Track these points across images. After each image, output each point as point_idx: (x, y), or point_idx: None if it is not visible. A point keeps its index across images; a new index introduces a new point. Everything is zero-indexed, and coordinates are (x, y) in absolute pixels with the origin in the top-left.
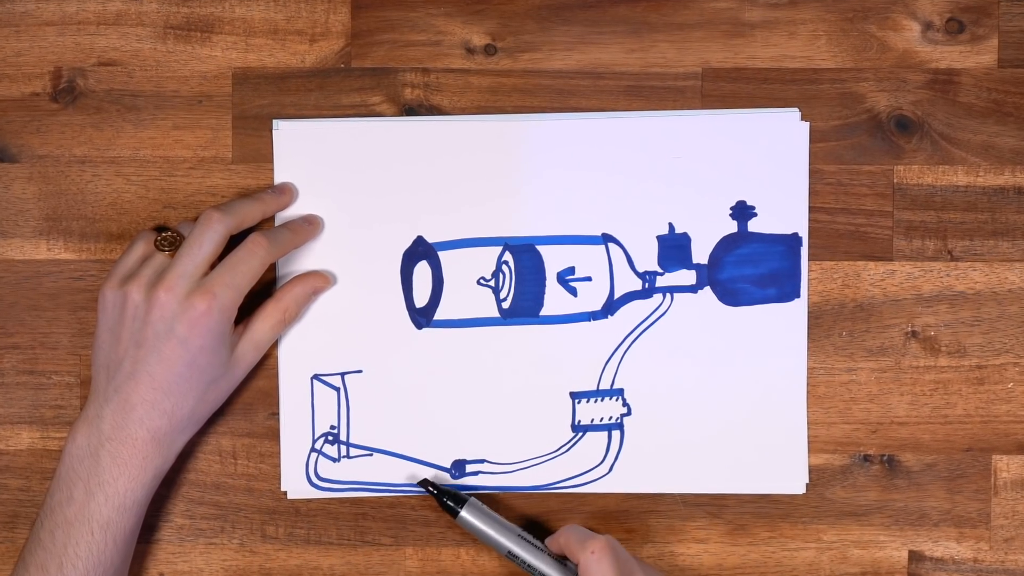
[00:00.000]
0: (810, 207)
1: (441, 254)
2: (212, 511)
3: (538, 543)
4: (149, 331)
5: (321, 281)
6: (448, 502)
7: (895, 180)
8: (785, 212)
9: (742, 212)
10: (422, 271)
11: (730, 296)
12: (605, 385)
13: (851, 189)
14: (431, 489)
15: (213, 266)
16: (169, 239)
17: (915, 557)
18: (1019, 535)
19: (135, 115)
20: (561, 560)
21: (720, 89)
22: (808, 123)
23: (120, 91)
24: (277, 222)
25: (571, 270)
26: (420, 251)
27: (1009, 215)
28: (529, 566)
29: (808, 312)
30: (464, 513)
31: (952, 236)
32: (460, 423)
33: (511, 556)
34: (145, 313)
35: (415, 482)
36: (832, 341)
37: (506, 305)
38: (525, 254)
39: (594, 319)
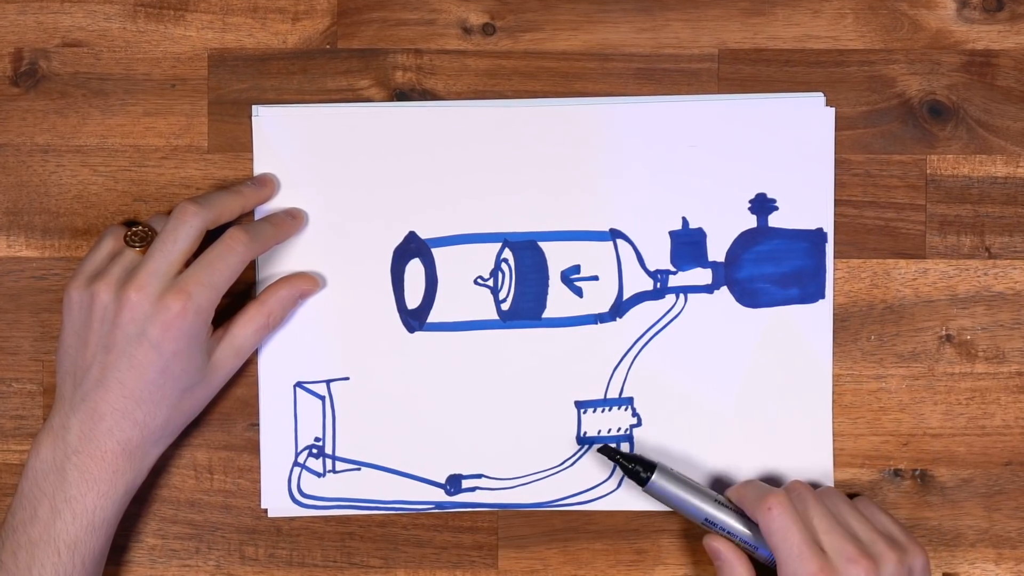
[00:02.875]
0: (836, 200)
1: (435, 251)
2: (186, 530)
3: (733, 505)
4: (119, 334)
5: (309, 283)
6: (636, 469)
7: (928, 171)
8: (809, 206)
9: (762, 206)
10: (414, 270)
11: (749, 297)
12: (613, 394)
13: (880, 181)
14: (615, 456)
15: (188, 264)
16: (140, 234)
17: None
18: None
19: (103, 100)
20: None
21: (738, 72)
22: (834, 109)
23: (86, 74)
24: (257, 216)
25: (576, 269)
26: (412, 248)
27: None
28: (730, 532)
29: (834, 314)
30: (656, 479)
31: (990, 232)
32: (456, 435)
33: (708, 523)
34: (114, 315)
35: (594, 449)
36: (860, 346)
37: (505, 307)
38: (526, 251)
39: (601, 322)
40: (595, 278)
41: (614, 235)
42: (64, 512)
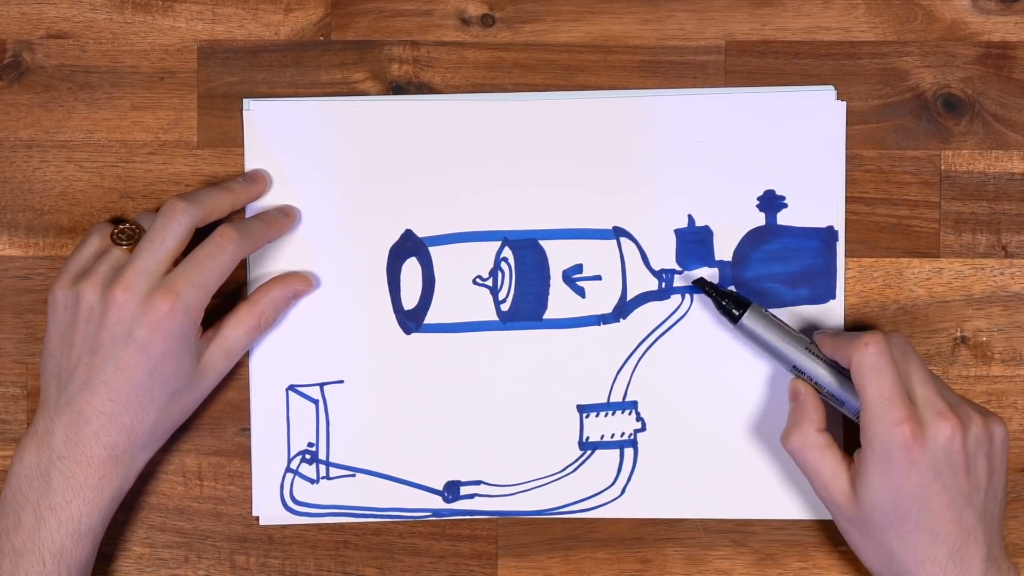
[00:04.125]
0: (847, 197)
1: (432, 250)
2: (175, 539)
3: (824, 356)
4: (105, 335)
5: (302, 283)
6: (727, 305)
7: (942, 167)
8: (819, 203)
9: (771, 203)
10: (411, 269)
11: (757, 297)
12: (617, 397)
13: (893, 177)
14: (708, 289)
15: (177, 263)
16: (127, 232)
17: None
18: None
19: (88, 94)
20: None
21: (746, 65)
22: (845, 103)
23: (72, 67)
24: (249, 214)
25: (578, 268)
26: (409, 247)
27: None
28: (817, 381)
29: (845, 315)
30: (746, 320)
31: (1007, 230)
32: (454, 440)
33: (796, 369)
34: (100, 315)
35: (690, 283)
36: None
37: (505, 307)
38: (526, 250)
39: (604, 323)
40: (598, 278)
41: (618, 233)
42: (49, 520)
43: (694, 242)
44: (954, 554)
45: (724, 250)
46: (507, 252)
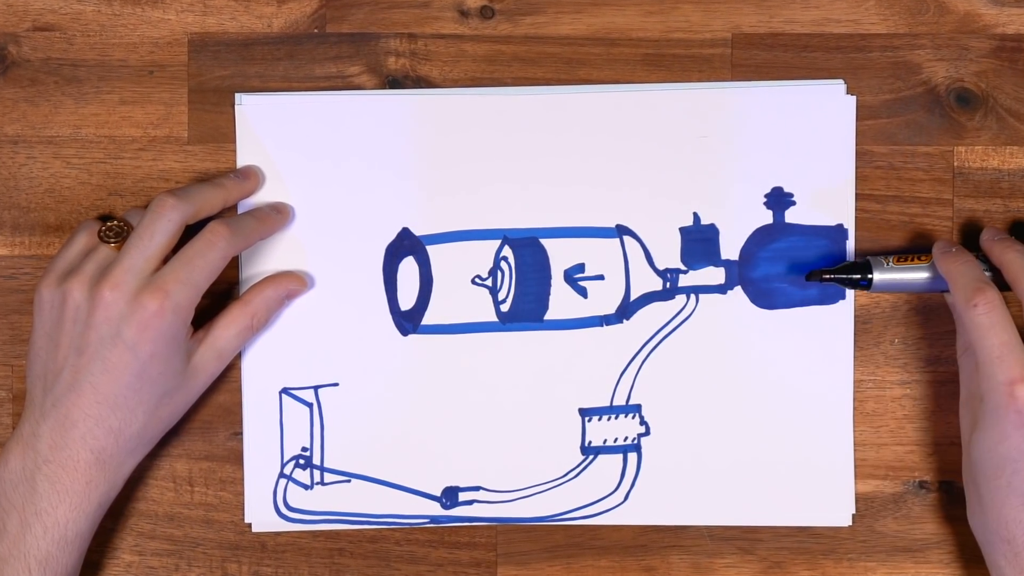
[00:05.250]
0: (857, 194)
1: (430, 249)
2: (165, 546)
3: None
4: (92, 335)
5: (296, 283)
6: (857, 279)
7: (955, 163)
8: (828, 200)
9: (778, 200)
10: (408, 269)
11: (764, 298)
12: (620, 401)
13: (904, 174)
14: (826, 277)
15: (167, 261)
16: (115, 229)
17: None
18: None
19: (76, 88)
20: None
21: (753, 58)
22: (855, 97)
23: (59, 60)
24: (240, 211)
25: (580, 267)
26: (406, 245)
27: None
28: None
29: (855, 316)
30: (878, 279)
31: None
32: (452, 444)
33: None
34: (87, 315)
35: (804, 279)
36: (883, 350)
37: (505, 308)
38: (527, 249)
39: (607, 324)
40: (600, 277)
41: (621, 232)
42: (34, 526)
43: (699, 241)
44: None
45: (730, 249)
46: (507, 251)
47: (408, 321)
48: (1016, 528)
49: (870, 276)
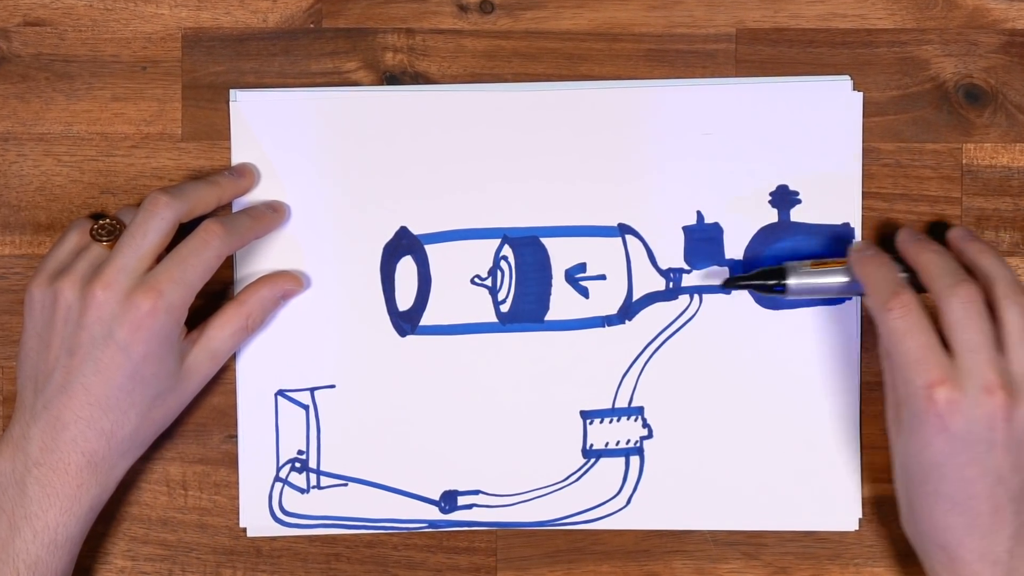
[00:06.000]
0: (864, 193)
1: (428, 248)
2: (158, 551)
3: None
4: (84, 336)
5: (292, 283)
6: (772, 285)
7: (964, 161)
8: (834, 199)
9: (783, 198)
10: (406, 268)
11: (769, 298)
12: (622, 403)
13: (912, 171)
14: (741, 283)
15: (160, 260)
16: (107, 227)
17: None
18: None
19: (67, 84)
20: None
21: (757, 53)
22: (861, 94)
23: (50, 56)
24: (235, 209)
25: (582, 267)
26: (404, 244)
27: None
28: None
29: (861, 316)
30: (792, 283)
31: None
32: (451, 448)
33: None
34: (79, 314)
35: (720, 284)
36: None
37: (505, 308)
38: (527, 248)
39: (609, 325)
40: (602, 277)
41: (623, 230)
42: (24, 529)
43: (703, 240)
44: (973, 527)
45: (735, 248)
46: (507, 250)
47: (406, 322)
48: (948, 535)
49: (784, 282)
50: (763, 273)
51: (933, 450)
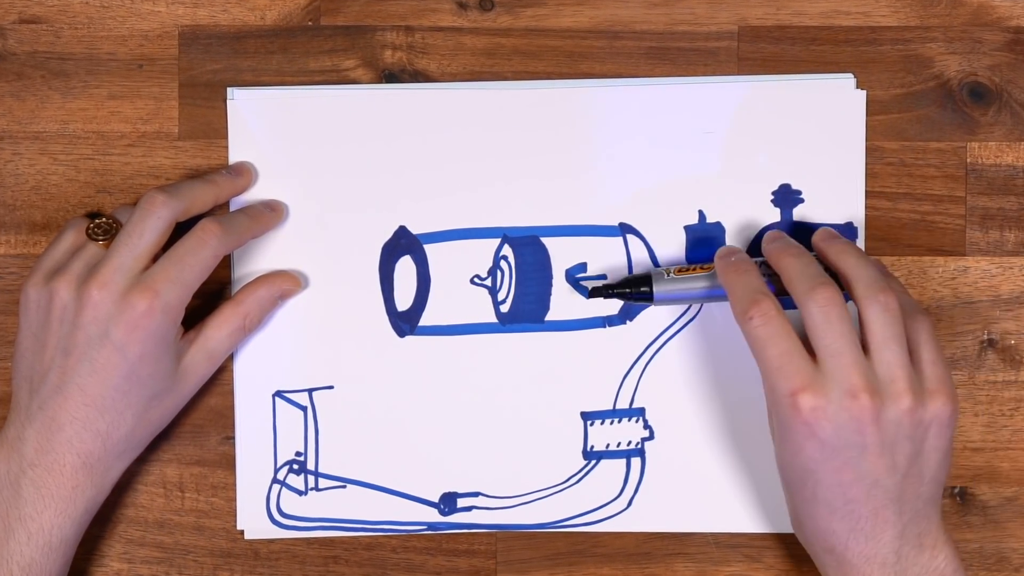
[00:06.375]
0: (867, 192)
1: (427, 248)
2: (155, 553)
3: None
4: (80, 336)
5: (290, 283)
6: (633, 294)
7: (968, 159)
8: (837, 198)
9: (786, 198)
10: (405, 268)
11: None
12: (623, 404)
13: (916, 170)
14: (611, 292)
15: (156, 259)
16: (104, 226)
17: None
18: None
19: (63, 82)
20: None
21: (760, 51)
22: (865, 92)
23: (45, 54)
24: (232, 208)
25: (582, 267)
26: (403, 244)
27: None
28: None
29: None
30: (658, 292)
31: None
32: (450, 449)
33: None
34: (75, 314)
35: (589, 295)
36: None
37: (505, 308)
38: (527, 248)
39: (610, 325)
40: (603, 277)
41: (624, 230)
42: (18, 531)
43: (705, 239)
44: (856, 531)
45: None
46: (507, 250)
47: (405, 322)
48: (833, 539)
49: (645, 289)
50: (628, 281)
51: (805, 456)
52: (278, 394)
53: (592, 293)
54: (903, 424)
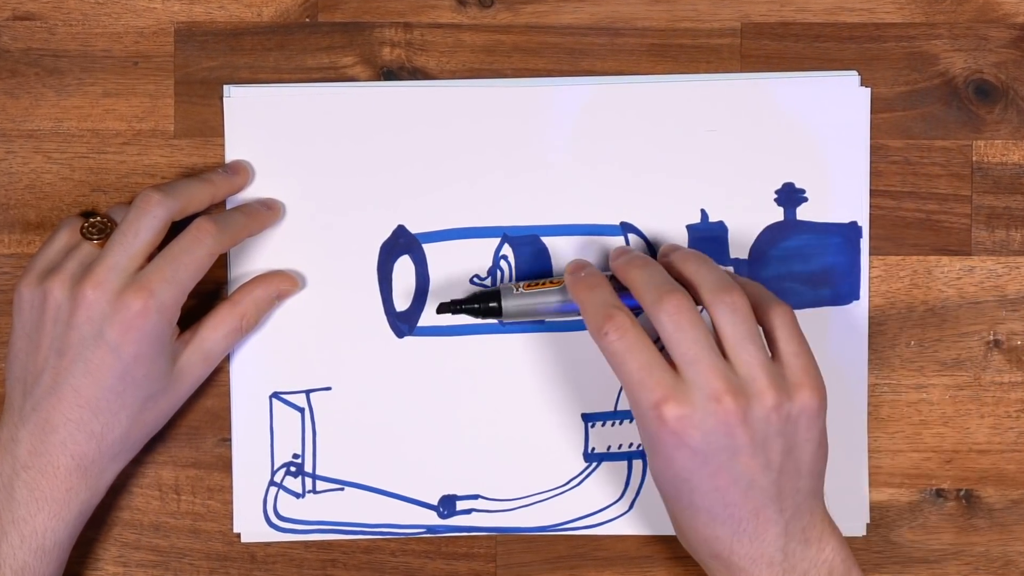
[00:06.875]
0: (871, 191)
1: (426, 247)
2: (151, 557)
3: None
4: (74, 336)
5: (287, 283)
6: (482, 308)
7: (974, 158)
8: (841, 197)
9: (789, 197)
10: (403, 268)
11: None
12: (624, 406)
13: (921, 169)
14: (458, 308)
15: (152, 258)
16: (98, 225)
17: None
18: None
19: (57, 80)
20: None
21: (763, 48)
22: (869, 89)
23: (39, 51)
24: (229, 207)
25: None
26: (401, 244)
27: None
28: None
29: (869, 317)
30: (507, 305)
31: None
32: (449, 451)
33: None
34: (69, 314)
35: (437, 312)
36: (898, 352)
37: None
38: (527, 247)
39: None
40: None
41: (625, 229)
42: (11, 534)
43: (707, 239)
44: (739, 533)
45: (740, 247)
46: (507, 249)
47: (404, 322)
48: (717, 545)
49: (494, 305)
50: (476, 296)
51: (677, 466)
52: (275, 395)
53: (440, 309)
54: (771, 421)
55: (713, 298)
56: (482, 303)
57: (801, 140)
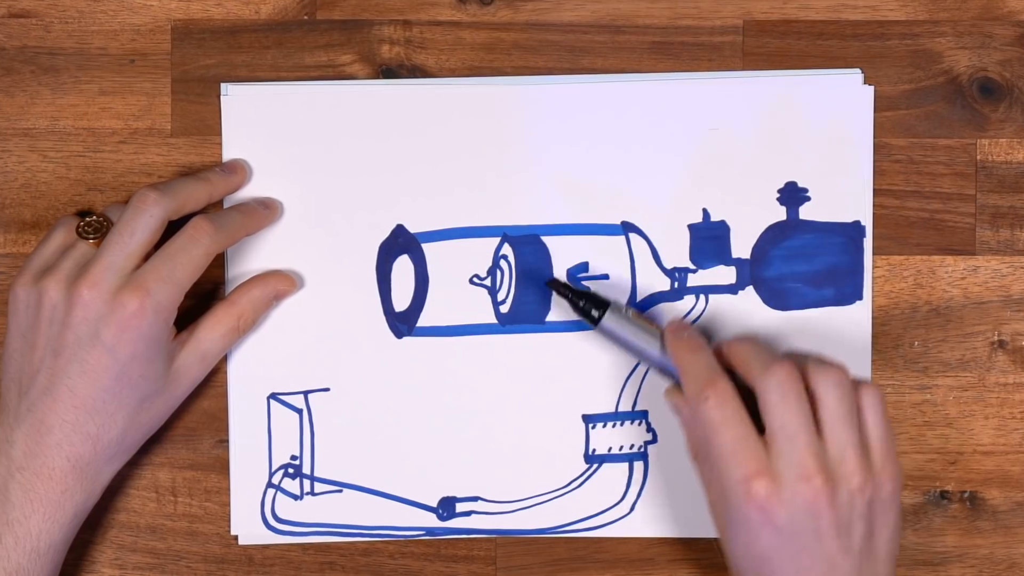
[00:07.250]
0: (875, 190)
1: (425, 247)
2: (147, 559)
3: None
4: (69, 336)
5: (285, 283)
6: (584, 306)
7: (978, 157)
8: (845, 196)
9: (792, 196)
10: (402, 268)
11: (778, 298)
12: (625, 407)
13: (925, 168)
14: (563, 290)
15: (148, 258)
16: (94, 225)
17: None
18: None
19: (53, 78)
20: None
21: (765, 46)
22: (872, 88)
23: (35, 48)
24: (226, 206)
25: (584, 266)
26: (400, 243)
27: None
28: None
29: (873, 318)
30: (608, 319)
31: None
32: (449, 453)
33: (664, 371)
34: (65, 314)
35: (547, 283)
36: (902, 353)
37: (505, 309)
38: (527, 247)
39: None
40: (605, 277)
41: (626, 228)
42: (5, 536)
43: (709, 238)
44: None
45: (742, 247)
46: (506, 249)
47: (403, 323)
48: None
49: (595, 313)
50: (587, 295)
51: (762, 544)
52: (273, 396)
53: (550, 283)
54: (855, 504)
55: (818, 370)
56: (587, 303)
57: (804, 139)
